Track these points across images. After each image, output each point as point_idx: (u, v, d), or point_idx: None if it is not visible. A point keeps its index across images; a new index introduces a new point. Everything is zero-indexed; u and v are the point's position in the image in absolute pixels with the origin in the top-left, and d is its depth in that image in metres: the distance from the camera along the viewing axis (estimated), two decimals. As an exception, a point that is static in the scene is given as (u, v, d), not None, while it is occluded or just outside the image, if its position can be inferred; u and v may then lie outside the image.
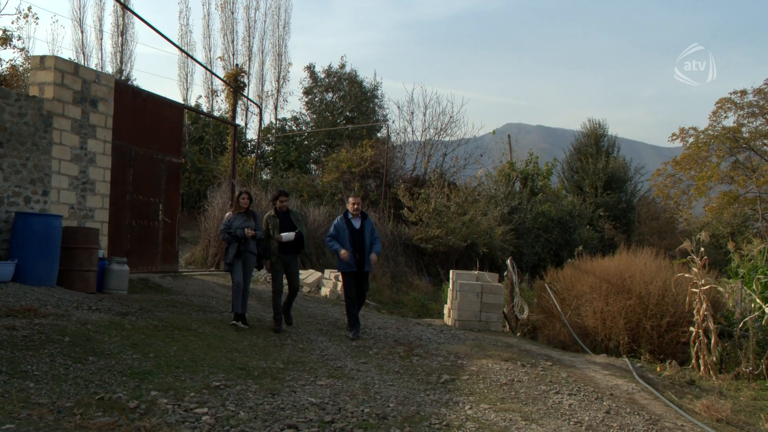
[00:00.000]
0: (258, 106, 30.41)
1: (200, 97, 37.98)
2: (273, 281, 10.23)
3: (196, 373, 7.00)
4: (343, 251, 9.99)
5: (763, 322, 10.70)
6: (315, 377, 7.60)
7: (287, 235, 9.89)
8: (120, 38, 34.30)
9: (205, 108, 34.64)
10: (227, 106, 32.33)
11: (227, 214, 10.00)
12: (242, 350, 8.38)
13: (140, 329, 8.63)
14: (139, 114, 13.88)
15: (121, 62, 34.04)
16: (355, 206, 10.27)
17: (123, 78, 32.82)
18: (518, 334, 13.66)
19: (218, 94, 35.20)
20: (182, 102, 29.61)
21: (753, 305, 11.14)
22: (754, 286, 12.33)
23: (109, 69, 33.61)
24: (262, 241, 9.95)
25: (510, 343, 11.28)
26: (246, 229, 9.62)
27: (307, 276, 16.07)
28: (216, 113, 33.76)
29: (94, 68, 22.23)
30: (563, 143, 35.18)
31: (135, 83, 32.15)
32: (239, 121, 32.94)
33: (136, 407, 5.61)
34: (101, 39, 35.34)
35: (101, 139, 12.53)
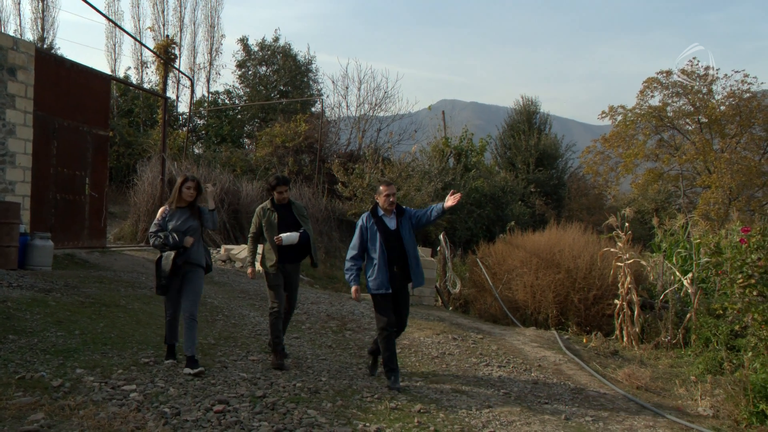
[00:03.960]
0: (190, 79, 29.68)
1: (129, 68, 36.90)
2: (271, 299, 7.32)
3: (124, 349, 6.85)
4: (353, 288, 6.97)
5: (681, 294, 11.14)
6: (247, 352, 7.56)
7: (289, 237, 7.20)
8: (40, 3, 32.83)
9: (134, 80, 33.63)
10: (158, 78, 31.41)
11: (161, 209, 6.77)
12: (172, 326, 8.24)
13: (65, 306, 8.39)
14: (63, 84, 13.36)
15: (43, 29, 32.63)
16: (390, 198, 6.92)
17: (45, 46, 31.48)
18: (450, 308, 13.87)
19: (148, 65, 34.24)
20: (110, 73, 28.64)
21: (673, 278, 11.58)
22: (674, 260, 12.80)
23: (30, 36, 32.21)
24: (212, 214, 6.84)
25: (442, 317, 11.43)
26: (187, 237, 6.60)
27: (239, 251, 15.88)
28: (146, 85, 32.82)
29: (12, 35, 21.24)
30: (497, 120, 35.59)
31: (58, 52, 30.89)
32: (170, 94, 32.14)
33: (60, 386, 5.46)
34: (19, 3, 33.80)
35: (21, 110, 12.01)
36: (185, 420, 5.05)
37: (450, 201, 6.61)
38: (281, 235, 7.19)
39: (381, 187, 6.99)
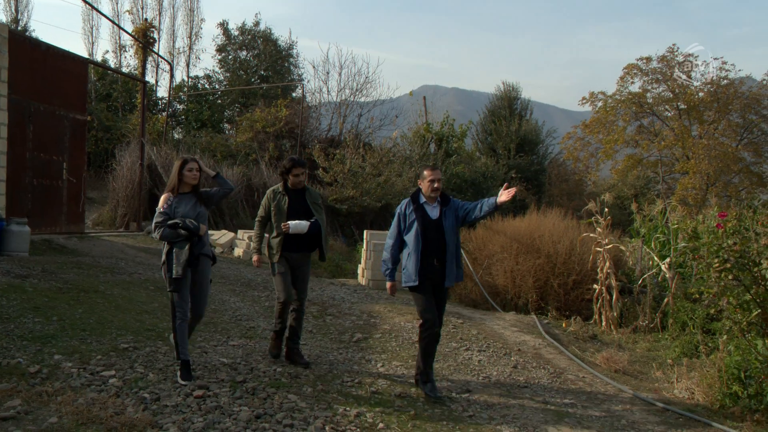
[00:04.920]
0: (169, 63, 29.38)
1: (107, 52, 36.59)
2: (277, 287, 6.73)
3: (103, 335, 6.81)
4: (389, 284, 6.41)
5: (659, 279, 11.25)
6: (227, 338, 7.54)
7: (298, 225, 6.55)
8: (14, -16, 32.29)
9: (112, 64, 33.25)
10: (136, 62, 31.11)
11: (164, 196, 5.94)
12: (152, 312, 8.21)
13: (43, 292, 8.32)
14: (39, 67, 13.17)
15: (17, 11, 32.14)
16: (435, 184, 6.23)
17: (19, 28, 31.00)
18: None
19: (126, 49, 33.84)
20: (87, 57, 28.27)
21: (651, 263, 11.69)
22: (652, 245, 12.91)
23: (3, 17, 31.69)
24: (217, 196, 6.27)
25: (423, 302, 11.46)
26: (201, 225, 5.94)
27: (220, 236, 15.82)
28: (124, 69, 32.45)
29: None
30: (478, 106, 35.60)
31: (33, 35, 30.43)
32: (149, 78, 31.81)
33: (38, 372, 5.42)
34: (-9, -16, 33.20)
35: (-4, 93, 11.82)
36: (165, 405, 5.04)
37: (504, 196, 6.13)
38: (289, 222, 6.54)
39: (425, 172, 6.30)
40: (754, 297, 6.40)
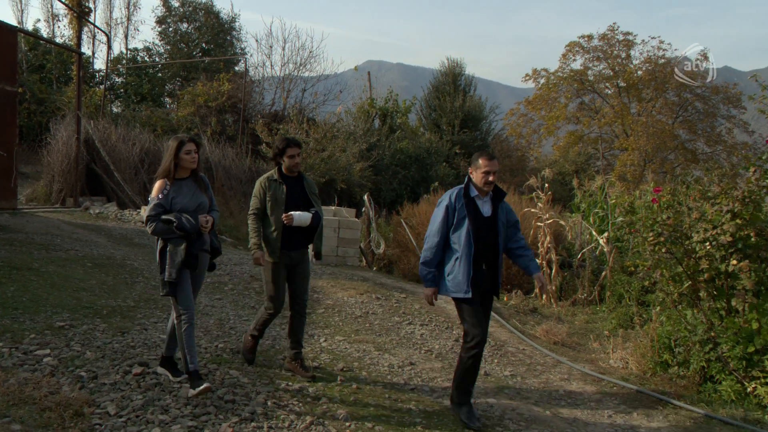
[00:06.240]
0: (106, 35, 28.51)
1: (38, 21, 35.25)
2: (269, 292, 5.86)
3: (37, 314, 6.62)
4: (428, 291, 5.39)
5: (598, 253, 11.54)
6: (168, 315, 7.42)
7: (301, 216, 5.78)
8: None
9: (44, 33, 32.06)
10: (71, 32, 29.99)
11: (158, 183, 5.10)
12: (89, 289, 8.02)
13: (-27, 270, 8.04)
14: (-34, 36, 12.60)
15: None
16: (490, 177, 5.25)
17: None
18: (374, 268, 13.96)
19: (60, 19, 32.64)
20: (16, 25, 27.19)
21: (590, 237, 11.96)
22: (592, 220, 13.22)
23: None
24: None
25: (366, 277, 11.51)
26: (201, 216, 5.10)
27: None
28: (58, 40, 31.32)
29: None
30: (423, 81, 35.62)
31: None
32: (85, 49, 30.76)
33: (-33, 352, 5.26)
34: None
35: None
36: (103, 383, 4.95)
37: (537, 283, 5.52)
38: (292, 213, 5.74)
39: (480, 160, 5.26)
40: (685, 269, 6.61)
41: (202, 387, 4.79)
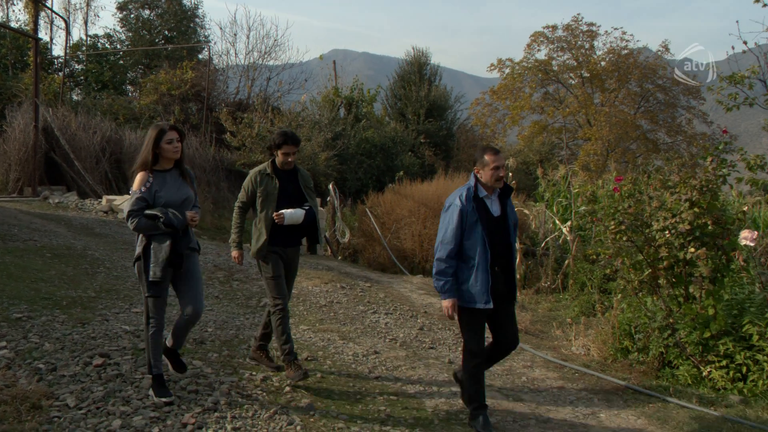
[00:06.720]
0: (64, 20, 27.87)
1: (-9, 4, 34.10)
2: (272, 295, 5.49)
3: (-7, 305, 6.50)
4: (447, 303, 4.81)
5: (561, 242, 11.67)
6: (130, 305, 7.35)
7: (293, 214, 5.47)
8: None
9: (-1, 18, 31.25)
10: (27, 17, 29.29)
11: (140, 176, 4.74)
12: (49, 280, 7.89)
13: (-73, 261, 7.85)
14: None
15: None
16: (499, 172, 4.92)
17: None
18: (339, 257, 13.96)
19: (15, 2, 31.77)
20: (-26, 11, 26.47)
21: (553, 226, 12.09)
22: (555, 209, 13.36)
23: None
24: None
25: (331, 266, 11.50)
26: (188, 212, 4.80)
27: (123, 202, 15.31)
28: (13, 24, 30.56)
29: None
30: (388, 71, 35.54)
31: None
32: (43, 35, 30.12)
33: None
34: None
35: None
36: (62, 375, 4.88)
37: None
38: (283, 211, 5.42)
39: (487, 156, 4.89)
40: (646, 257, 6.72)
41: (165, 399, 4.60)
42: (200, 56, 30.28)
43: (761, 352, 5.96)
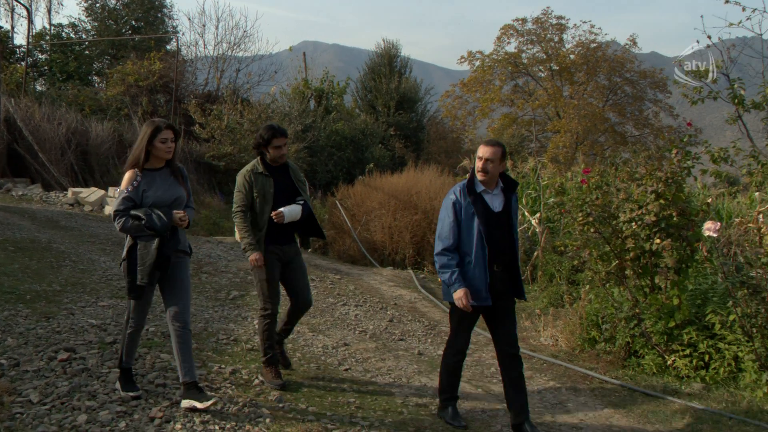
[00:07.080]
0: (26, 8, 27.38)
1: (-52, -9, 33.29)
2: (263, 299, 5.42)
3: (-46, 300, 6.37)
4: (460, 293, 4.63)
5: (530, 234, 11.75)
6: (96, 298, 7.26)
7: (292, 211, 5.32)
8: None
9: (-42, 5, 30.54)
10: (-12, 5, 28.76)
11: (127, 174, 4.56)
12: (11, 273, 7.75)
13: None
14: None
15: None
16: (489, 165, 4.74)
17: None
18: (309, 249, 13.91)
19: (-27, -10, 31.14)
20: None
21: (522, 218, 12.17)
22: (524, 201, 13.44)
23: None
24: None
25: (301, 259, 11.45)
26: (176, 212, 4.53)
27: (89, 194, 15.09)
28: (-26, 13, 29.91)
29: None
30: (358, 63, 35.41)
31: None
32: (3, 23, 29.52)
33: None
34: None
35: None
36: (25, 371, 4.80)
37: None
38: (282, 209, 5.25)
39: (482, 149, 4.78)
40: (613, 249, 6.80)
41: (132, 393, 4.53)
42: (168, 47, 29.88)
43: (723, 341, 6.09)
